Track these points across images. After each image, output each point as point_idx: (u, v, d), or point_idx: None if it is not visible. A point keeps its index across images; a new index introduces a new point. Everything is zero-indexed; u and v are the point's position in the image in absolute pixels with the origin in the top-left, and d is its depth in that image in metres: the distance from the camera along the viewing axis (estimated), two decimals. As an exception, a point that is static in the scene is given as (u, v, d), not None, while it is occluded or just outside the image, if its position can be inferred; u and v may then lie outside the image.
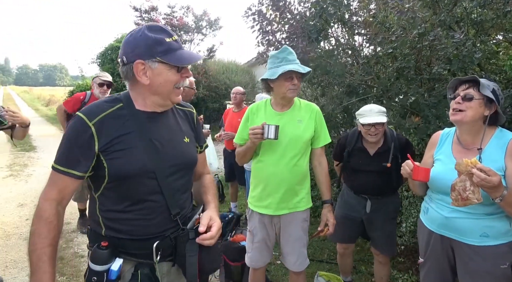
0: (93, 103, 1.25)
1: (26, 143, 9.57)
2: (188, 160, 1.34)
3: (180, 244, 1.25)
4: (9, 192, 5.27)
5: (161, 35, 1.18)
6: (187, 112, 1.44)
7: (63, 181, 1.17)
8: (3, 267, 3.11)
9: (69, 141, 1.18)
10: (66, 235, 3.79)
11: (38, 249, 1.12)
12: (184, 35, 11.23)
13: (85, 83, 17.93)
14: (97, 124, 1.16)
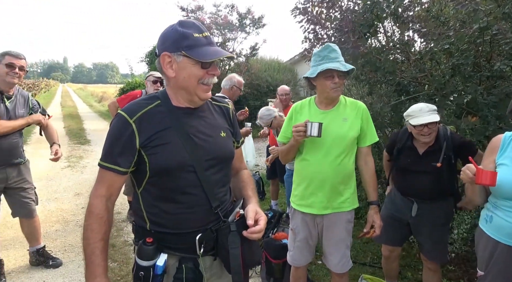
0: (133, 101, 1.29)
1: (82, 137, 10.29)
2: (225, 154, 1.35)
3: (222, 237, 1.26)
4: (67, 182, 5.71)
5: (190, 30, 1.19)
6: (223, 108, 1.44)
7: (109, 177, 1.23)
8: (62, 250, 3.38)
9: (112, 138, 1.23)
10: (117, 224, 4.03)
11: (91, 243, 1.19)
12: (228, 34, 11.39)
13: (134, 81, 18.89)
14: (137, 121, 1.20)
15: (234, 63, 12.15)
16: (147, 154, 1.21)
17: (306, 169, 2.13)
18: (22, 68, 2.68)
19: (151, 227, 1.27)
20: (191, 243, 1.24)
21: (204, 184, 1.25)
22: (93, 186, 1.26)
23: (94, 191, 1.25)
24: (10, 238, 3.48)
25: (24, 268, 3.03)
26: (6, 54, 2.64)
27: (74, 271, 3.02)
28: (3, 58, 2.62)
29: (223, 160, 1.34)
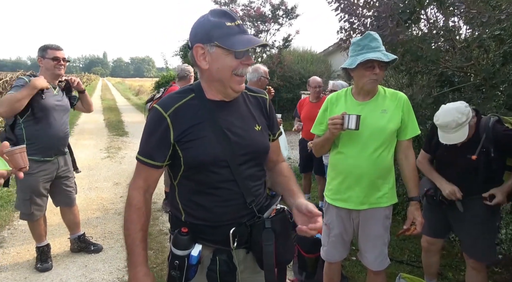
0: (168, 95, 1.29)
1: (120, 129, 10.72)
2: (260, 149, 1.32)
3: (256, 232, 1.25)
4: (107, 172, 5.97)
5: (222, 19, 1.16)
6: (260, 99, 1.40)
7: (146, 170, 1.25)
8: (102, 237, 3.55)
9: (148, 132, 1.24)
10: (153, 214, 4.16)
11: (132, 234, 1.22)
12: (261, 25, 11.32)
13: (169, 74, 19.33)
14: (172, 115, 1.20)
15: (266, 55, 12.08)
16: (181, 148, 1.21)
17: (342, 162, 2.06)
18: (65, 59, 2.82)
19: (186, 219, 1.28)
20: (225, 236, 1.24)
21: (238, 179, 1.24)
22: (132, 178, 1.29)
23: (132, 183, 1.27)
24: (55, 224, 3.70)
25: (68, 252, 3.21)
26: (47, 48, 2.76)
27: (114, 257, 3.16)
28: (45, 52, 2.74)
29: (257, 155, 1.31)
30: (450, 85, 3.03)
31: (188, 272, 1.23)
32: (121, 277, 2.84)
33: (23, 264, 2.98)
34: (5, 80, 8.70)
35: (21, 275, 2.82)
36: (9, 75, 9.85)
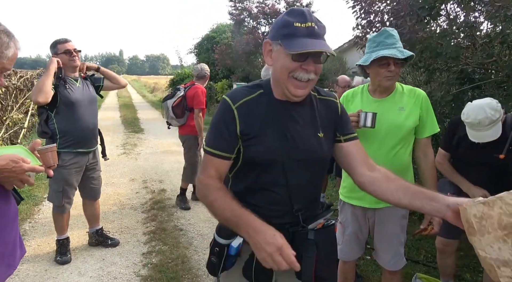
0: (237, 88, 1.28)
1: (136, 126, 10.88)
2: (318, 157, 1.25)
3: (297, 241, 1.20)
4: (123, 168, 6.08)
5: (293, 18, 1.11)
6: (330, 102, 1.33)
7: (216, 161, 1.20)
8: (119, 232, 3.62)
9: (216, 123, 1.21)
10: (168, 210, 4.22)
11: (227, 207, 1.13)
12: (275, 23, 11.30)
13: (183, 72, 19.48)
14: (239, 108, 1.18)
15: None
16: (243, 144, 1.19)
17: None
18: (76, 50, 2.87)
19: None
20: None
21: (289, 184, 1.20)
22: (200, 171, 1.24)
23: (203, 176, 1.21)
24: (73, 217, 3.78)
25: (86, 246, 3.29)
26: (56, 43, 2.83)
27: (130, 251, 3.22)
28: (56, 48, 2.82)
29: (314, 163, 1.26)
30: (470, 82, 2.95)
31: (226, 261, 1.23)
32: (137, 271, 2.89)
33: (43, 256, 3.08)
34: (26, 77, 8.93)
35: (42, 267, 2.90)
36: (29, 72, 10.11)
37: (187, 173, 4.36)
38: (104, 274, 2.84)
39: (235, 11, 11.67)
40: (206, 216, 4.08)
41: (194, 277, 2.83)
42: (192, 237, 3.53)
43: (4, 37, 1.24)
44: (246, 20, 11.59)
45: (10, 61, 1.27)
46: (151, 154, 7.18)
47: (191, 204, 4.37)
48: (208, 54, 15.22)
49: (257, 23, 11.45)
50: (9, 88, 7.63)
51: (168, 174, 5.74)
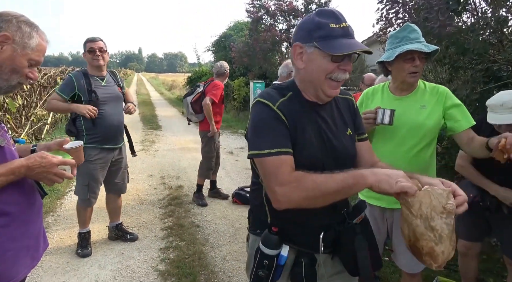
0: (265, 91, 1.25)
1: (154, 123, 11.05)
2: (351, 155, 1.29)
3: (346, 238, 1.22)
4: (141, 164, 6.18)
5: (327, 19, 1.12)
6: (348, 100, 1.37)
7: (284, 160, 1.11)
8: (137, 227, 3.68)
9: (264, 124, 1.16)
10: (184, 206, 4.27)
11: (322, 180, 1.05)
12: (293, 20, 11.18)
13: (201, 70, 19.62)
14: (280, 109, 1.16)
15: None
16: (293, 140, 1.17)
17: None
18: (101, 49, 2.89)
19: (272, 221, 1.26)
20: (313, 239, 1.22)
21: None
22: (270, 179, 1.11)
23: (275, 183, 1.09)
24: (94, 212, 3.86)
25: (106, 240, 3.36)
26: (86, 42, 2.91)
27: (148, 246, 3.27)
28: (85, 46, 2.90)
29: (348, 161, 1.27)
30: (496, 81, 2.84)
31: (275, 272, 1.22)
32: (155, 266, 2.94)
33: (65, 249, 3.17)
34: (49, 75, 9.20)
35: (63, 260, 2.99)
36: (53, 70, 10.42)
37: (203, 168, 4.40)
38: (123, 268, 2.90)
39: (252, 8, 11.65)
40: (223, 213, 4.11)
41: (210, 273, 2.85)
42: (209, 234, 3.55)
43: (25, 27, 1.25)
44: (263, 18, 11.55)
45: (36, 52, 1.29)
46: (169, 151, 7.28)
47: (208, 200, 4.40)
48: (225, 52, 15.25)
49: (274, 20, 11.39)
50: (33, 85, 7.88)
51: (185, 170, 5.80)
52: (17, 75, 1.25)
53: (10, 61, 1.22)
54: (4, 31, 1.20)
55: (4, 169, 1.16)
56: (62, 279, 2.71)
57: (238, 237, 3.50)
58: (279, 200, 1.09)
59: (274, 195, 1.10)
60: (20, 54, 1.24)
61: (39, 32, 1.30)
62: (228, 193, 4.62)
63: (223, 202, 4.46)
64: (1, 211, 1.22)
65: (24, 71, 1.27)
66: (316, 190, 1.05)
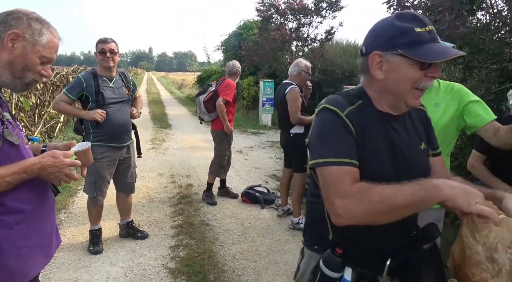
0: (332, 97, 1.15)
1: (164, 121, 11.13)
2: (426, 171, 1.16)
3: (412, 265, 1.12)
4: (152, 162, 6.23)
5: (411, 24, 1.02)
6: (421, 112, 1.27)
7: (347, 171, 1.01)
8: (148, 224, 3.72)
9: (329, 131, 1.07)
10: (194, 204, 4.29)
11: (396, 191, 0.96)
12: (303, 19, 11.13)
13: (211, 69, 19.68)
14: (349, 117, 1.07)
15: (308, 49, 11.88)
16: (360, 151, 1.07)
17: None
18: (112, 51, 2.91)
19: (334, 239, 1.17)
20: (377, 262, 1.13)
21: None
22: (329, 190, 1.02)
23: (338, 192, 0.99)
24: (106, 209, 3.91)
25: (117, 237, 3.40)
26: (98, 42, 2.94)
27: (158, 244, 3.30)
28: (97, 46, 2.93)
29: (422, 177, 1.11)
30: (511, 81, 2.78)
31: None
32: (165, 263, 2.96)
33: (77, 246, 3.21)
34: (62, 74, 9.34)
35: (76, 256, 3.03)
36: (65, 69, 10.56)
37: (214, 166, 4.41)
38: (133, 265, 2.92)
39: (262, 7, 11.63)
40: (232, 212, 4.12)
41: (220, 272, 2.86)
42: (218, 233, 3.57)
43: (35, 24, 1.25)
44: (273, 17, 11.51)
45: (48, 49, 1.28)
46: (179, 150, 7.32)
47: (217, 199, 4.42)
48: (235, 51, 15.26)
49: (284, 19, 11.34)
50: (46, 84, 8.00)
51: (195, 169, 5.83)
52: (30, 73, 1.26)
53: (22, 58, 1.23)
54: (14, 29, 1.21)
55: (17, 168, 1.18)
56: (75, 275, 2.76)
57: (248, 236, 3.50)
58: (339, 215, 0.98)
59: (333, 209, 1.00)
60: (31, 51, 1.24)
61: (50, 29, 1.29)
62: (237, 192, 4.62)
63: (233, 201, 4.47)
64: (14, 208, 1.24)
65: (37, 68, 1.27)
66: (383, 204, 0.95)
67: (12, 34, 1.20)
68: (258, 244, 3.35)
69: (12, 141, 1.22)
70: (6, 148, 1.20)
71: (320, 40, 11.52)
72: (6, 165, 1.18)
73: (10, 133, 1.22)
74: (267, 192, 4.59)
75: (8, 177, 1.15)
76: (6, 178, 1.15)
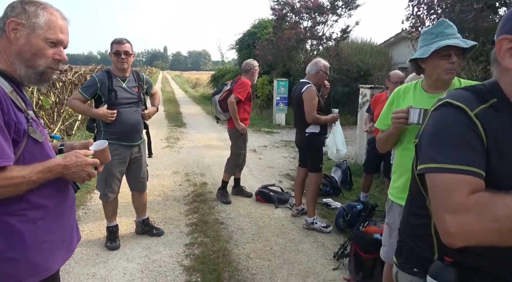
0: (457, 92, 0.99)
1: (179, 120, 11.23)
2: None
3: None
4: (167, 160, 6.30)
5: None
6: None
7: (467, 181, 0.85)
8: (163, 222, 3.76)
9: (455, 133, 0.91)
10: (208, 203, 4.31)
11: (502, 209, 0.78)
12: (318, 17, 11.05)
13: (225, 68, 19.75)
14: (479, 117, 0.90)
15: (323, 47, 11.79)
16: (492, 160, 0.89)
17: (409, 160, 1.93)
18: (127, 53, 2.95)
19: (440, 257, 0.98)
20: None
21: None
22: (439, 201, 0.88)
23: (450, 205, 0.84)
24: (122, 207, 3.99)
25: (133, 234, 3.45)
26: (113, 43, 2.98)
27: (173, 241, 3.33)
28: (111, 47, 2.97)
29: None
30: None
31: None
32: (180, 261, 2.99)
33: (95, 242, 3.28)
34: (80, 73, 9.54)
35: (93, 252, 3.09)
36: (83, 68, 10.80)
37: (230, 163, 4.43)
38: (149, 262, 2.96)
39: (277, 6, 11.61)
40: (246, 211, 4.13)
41: (234, 271, 2.87)
42: (233, 231, 3.58)
43: (29, 7, 1.21)
44: (288, 15, 11.47)
45: (50, 30, 1.23)
46: (193, 148, 7.38)
47: (231, 198, 4.43)
48: (249, 50, 15.27)
49: (299, 18, 11.29)
50: (65, 83, 8.18)
51: (209, 168, 5.86)
52: (41, 60, 1.24)
53: (28, 46, 1.21)
54: (11, 18, 1.19)
55: (42, 167, 1.21)
56: (92, 270, 2.81)
57: (262, 236, 3.50)
58: (451, 233, 0.82)
59: (443, 226, 0.84)
60: (33, 35, 1.21)
61: (48, 9, 1.25)
62: (251, 191, 4.63)
63: (247, 200, 4.48)
64: (38, 204, 1.27)
65: (46, 53, 1.24)
66: (498, 223, 0.78)
67: (10, 23, 1.19)
68: (272, 243, 3.35)
69: (36, 139, 1.25)
70: (30, 145, 1.23)
71: (335, 39, 11.41)
72: (30, 161, 1.21)
73: (35, 130, 1.25)
74: (281, 191, 4.58)
75: (34, 176, 1.18)
76: (33, 178, 1.18)
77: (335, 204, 4.27)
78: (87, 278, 2.71)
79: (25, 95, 1.31)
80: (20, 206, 1.22)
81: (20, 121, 1.19)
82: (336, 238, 3.48)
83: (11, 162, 1.13)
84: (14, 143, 1.17)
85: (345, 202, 4.25)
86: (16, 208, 1.21)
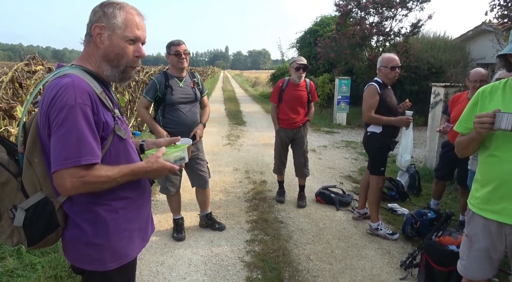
0: None
1: (239, 118, 11.47)
2: None
3: None
4: (227, 157, 6.48)
5: None
6: None
7: None
8: (224, 217, 3.87)
9: None
10: (268, 201, 4.34)
11: None
12: (386, 12, 10.46)
13: (284, 66, 19.72)
14: None
15: (389, 44, 11.16)
16: None
17: (496, 167, 1.74)
18: (186, 52, 3.09)
19: None
20: None
21: None
22: None
23: None
24: (187, 200, 4.20)
25: (197, 227, 3.61)
26: (170, 45, 3.10)
27: (235, 237, 3.41)
28: (169, 49, 3.09)
29: None
30: None
31: None
32: (241, 256, 3.05)
33: (162, 232, 3.49)
34: (150, 73, 10.23)
35: (162, 242, 3.29)
36: (153, 68, 11.59)
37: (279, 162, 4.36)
38: (212, 255, 3.07)
39: (342, 1, 11.23)
40: (306, 211, 4.07)
41: (294, 271, 2.84)
42: (292, 231, 3.55)
43: (108, 9, 1.27)
44: (353, 11, 11.04)
45: (128, 28, 1.28)
46: (253, 146, 7.48)
47: (289, 197, 4.40)
48: (310, 48, 15.06)
49: (365, 13, 10.79)
50: (138, 82, 8.83)
51: (269, 166, 5.89)
52: (123, 59, 1.32)
53: (111, 47, 1.29)
54: (94, 23, 1.27)
55: (127, 170, 1.30)
56: (161, 258, 2.99)
57: (322, 238, 3.43)
58: None
59: None
60: (115, 37, 1.28)
61: (124, 8, 1.30)
62: (311, 192, 4.55)
63: (307, 200, 4.41)
64: (122, 195, 1.37)
65: (127, 51, 1.31)
66: None
67: (95, 29, 1.28)
68: (333, 247, 3.26)
69: (120, 135, 1.35)
70: (115, 142, 1.34)
71: (404, 34, 10.72)
72: (115, 156, 1.32)
73: (120, 128, 1.35)
74: (343, 193, 4.44)
75: (119, 178, 1.28)
76: (117, 179, 1.27)
77: (401, 210, 4.01)
78: (157, 266, 2.89)
79: (113, 95, 1.42)
80: (107, 196, 1.33)
81: (107, 120, 1.29)
82: (403, 246, 3.28)
83: (99, 160, 1.23)
84: (101, 139, 1.28)
85: (413, 208, 3.98)
86: (102, 198, 1.32)
